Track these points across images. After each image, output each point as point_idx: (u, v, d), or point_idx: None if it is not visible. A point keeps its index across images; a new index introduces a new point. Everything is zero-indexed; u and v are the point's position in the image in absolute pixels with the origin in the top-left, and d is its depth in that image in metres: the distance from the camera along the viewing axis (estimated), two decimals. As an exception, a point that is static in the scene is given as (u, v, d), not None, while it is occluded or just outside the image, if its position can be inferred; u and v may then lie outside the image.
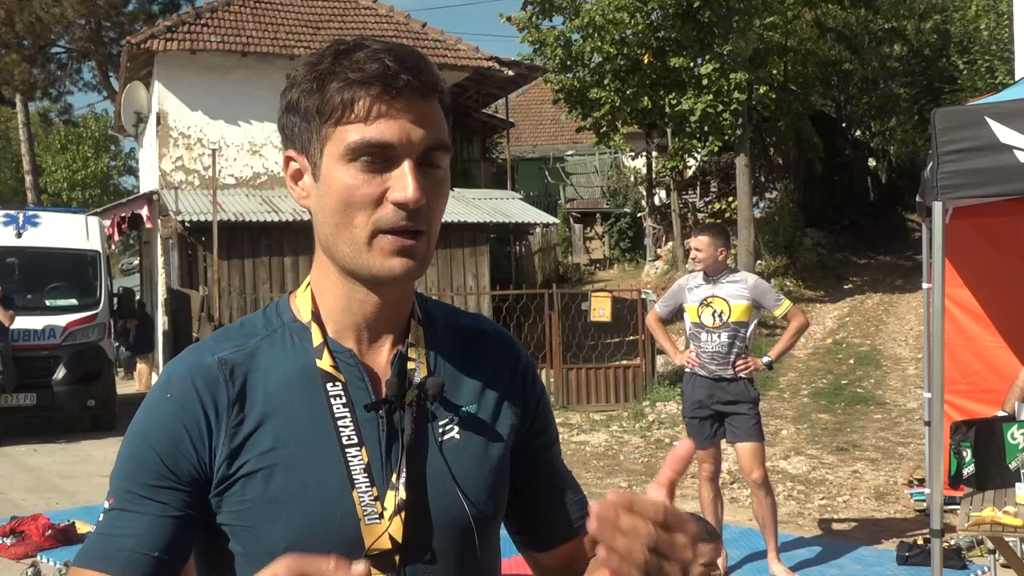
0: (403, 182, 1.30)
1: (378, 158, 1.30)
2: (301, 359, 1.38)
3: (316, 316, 1.40)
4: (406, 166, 1.30)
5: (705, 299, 6.27)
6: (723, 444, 6.61)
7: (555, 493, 1.59)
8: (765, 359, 6.44)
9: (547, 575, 1.61)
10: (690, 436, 6.48)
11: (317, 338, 1.39)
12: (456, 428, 1.41)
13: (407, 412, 1.37)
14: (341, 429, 1.34)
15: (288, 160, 1.40)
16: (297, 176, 1.39)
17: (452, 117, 1.40)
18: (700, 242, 6.31)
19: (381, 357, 1.41)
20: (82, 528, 7.76)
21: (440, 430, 1.40)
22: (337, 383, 1.36)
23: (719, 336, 6.25)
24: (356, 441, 1.34)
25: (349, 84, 1.30)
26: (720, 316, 6.23)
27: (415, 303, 1.46)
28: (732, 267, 6.51)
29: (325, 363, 1.37)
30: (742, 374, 6.26)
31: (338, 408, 1.35)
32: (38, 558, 7.12)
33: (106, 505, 1.38)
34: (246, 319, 1.45)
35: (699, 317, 6.31)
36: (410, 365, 1.40)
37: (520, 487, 1.52)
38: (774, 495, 6.53)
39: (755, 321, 6.37)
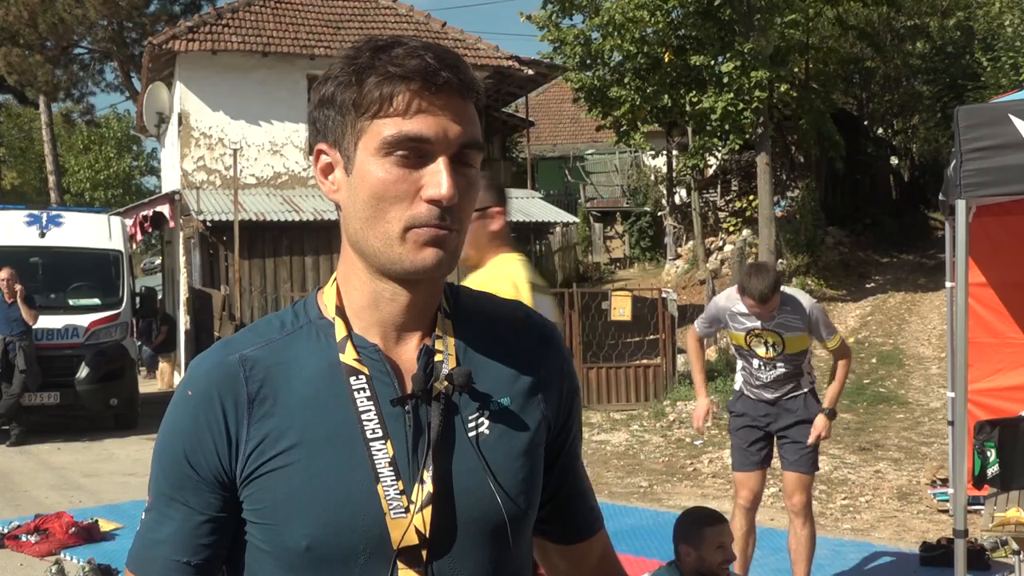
0: (437, 179, 1.29)
1: (413, 153, 1.30)
2: (325, 354, 1.37)
3: (340, 311, 1.39)
4: (441, 163, 1.30)
5: (753, 330, 5.52)
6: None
7: (577, 492, 1.59)
8: (825, 409, 5.63)
9: (554, 566, 1.63)
10: (733, 456, 5.92)
11: (341, 332, 1.38)
12: (487, 421, 1.39)
13: (434, 405, 1.35)
14: (365, 423, 1.33)
15: (319, 153, 1.38)
16: (328, 170, 1.38)
17: (484, 119, 1.39)
18: (765, 308, 5.32)
19: (408, 353, 1.39)
20: (105, 526, 7.81)
21: (470, 423, 1.38)
22: (361, 376, 1.35)
23: (776, 367, 5.57)
24: (381, 434, 1.33)
25: (389, 78, 1.29)
26: (774, 347, 5.53)
27: (443, 297, 1.44)
28: (783, 289, 5.51)
29: (348, 357, 1.36)
30: (811, 440, 5.55)
31: (362, 401, 1.34)
32: (62, 556, 7.16)
33: (146, 503, 1.40)
34: (276, 315, 1.45)
35: (748, 345, 5.59)
36: (438, 357, 1.38)
37: (552, 483, 1.52)
38: (814, 525, 5.78)
39: (812, 346, 5.69)
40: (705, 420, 5.77)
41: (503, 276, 3.52)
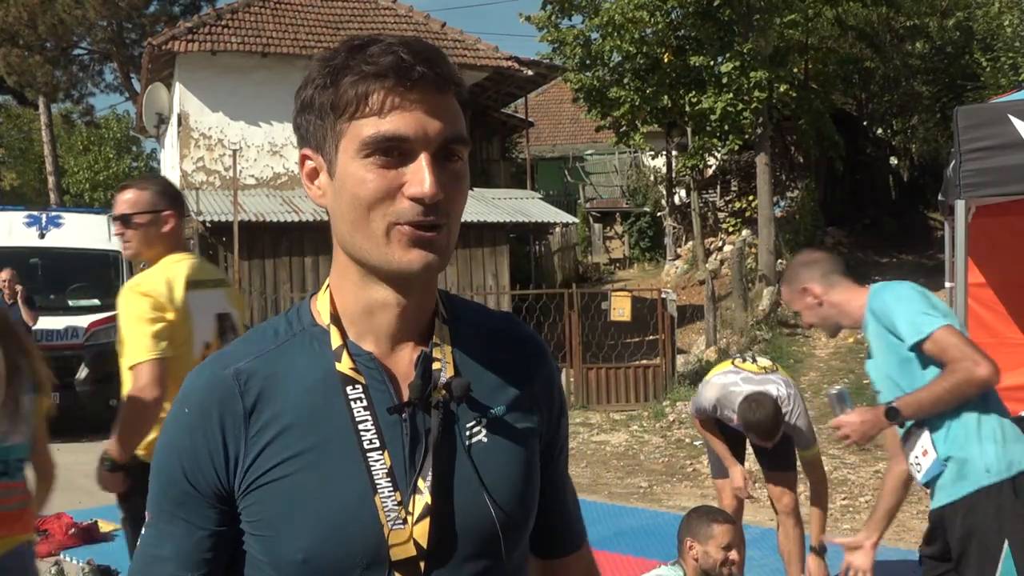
0: (419, 176, 1.27)
1: (394, 152, 1.28)
2: (320, 363, 1.35)
3: (335, 319, 1.38)
4: (423, 160, 1.27)
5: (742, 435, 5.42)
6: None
7: (564, 505, 1.59)
8: (815, 548, 5.43)
9: None
10: (711, 464, 5.90)
11: (336, 341, 1.36)
12: (484, 431, 1.38)
13: (433, 415, 1.34)
14: (362, 433, 1.32)
15: (304, 159, 1.37)
16: (313, 175, 1.37)
17: (470, 112, 1.37)
18: (770, 441, 5.19)
19: (404, 359, 1.37)
20: (105, 527, 7.81)
21: (467, 433, 1.37)
22: (357, 386, 1.34)
23: None
24: (378, 445, 1.32)
25: (363, 77, 1.28)
26: None
27: (439, 302, 1.43)
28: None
29: (344, 366, 1.34)
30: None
31: (359, 412, 1.32)
32: (61, 556, 7.17)
33: (146, 519, 1.40)
34: (268, 323, 1.43)
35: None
36: (435, 365, 1.36)
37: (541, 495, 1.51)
38: (803, 526, 5.73)
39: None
40: (747, 488, 5.50)
41: (162, 273, 3.79)
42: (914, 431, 3.68)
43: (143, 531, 1.39)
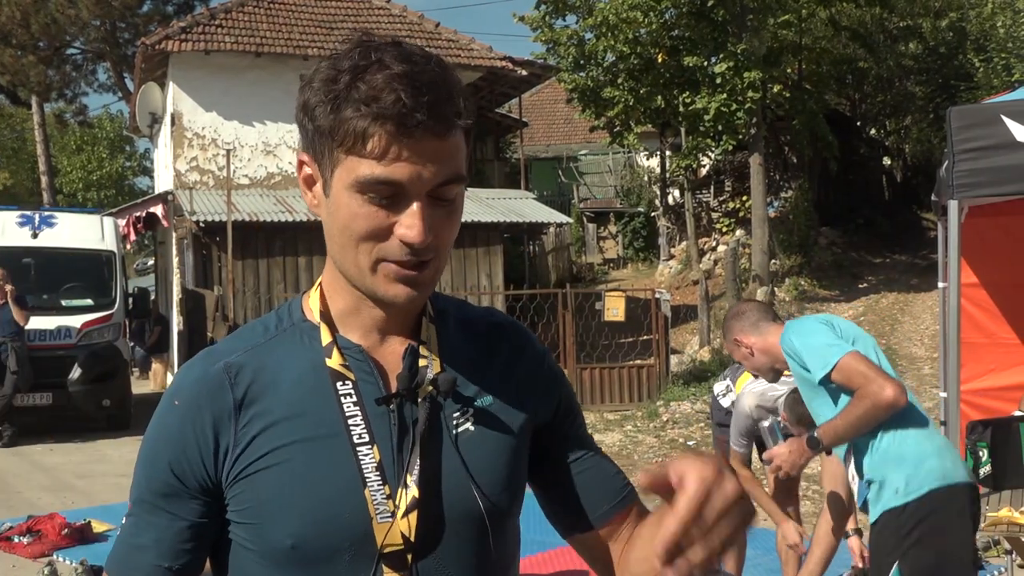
0: (411, 221, 1.27)
1: (386, 194, 1.27)
2: (311, 358, 1.38)
3: (325, 316, 1.40)
4: (415, 206, 1.28)
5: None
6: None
7: (596, 469, 1.54)
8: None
9: (597, 553, 1.54)
10: (715, 438, 5.84)
11: (326, 337, 1.39)
12: (470, 421, 1.40)
13: (420, 407, 1.37)
14: (352, 427, 1.34)
15: (301, 163, 1.37)
16: (310, 181, 1.37)
17: (472, 138, 1.36)
18: None
19: (392, 353, 1.40)
20: (98, 527, 7.80)
21: (454, 423, 1.39)
22: (347, 382, 1.36)
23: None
24: (367, 439, 1.34)
25: (363, 116, 1.25)
26: None
27: (426, 300, 1.45)
28: None
29: (335, 362, 1.37)
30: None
31: (348, 406, 1.35)
32: (54, 557, 7.15)
33: (127, 508, 1.41)
34: (259, 320, 1.46)
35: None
36: (422, 362, 1.39)
37: (559, 470, 1.51)
38: (802, 528, 5.65)
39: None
40: (802, 544, 5.29)
41: None
42: (851, 452, 3.82)
43: (123, 521, 1.41)
